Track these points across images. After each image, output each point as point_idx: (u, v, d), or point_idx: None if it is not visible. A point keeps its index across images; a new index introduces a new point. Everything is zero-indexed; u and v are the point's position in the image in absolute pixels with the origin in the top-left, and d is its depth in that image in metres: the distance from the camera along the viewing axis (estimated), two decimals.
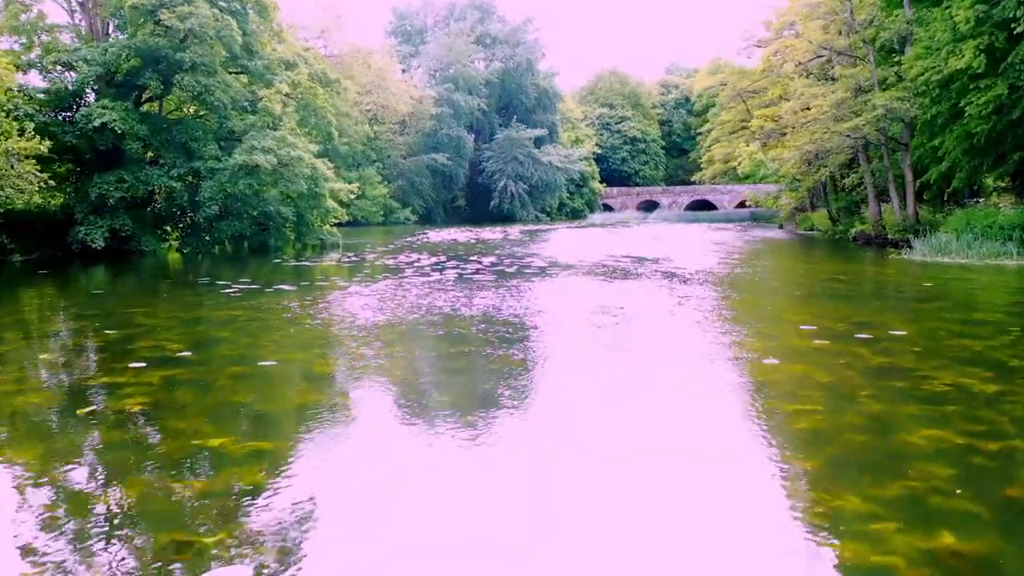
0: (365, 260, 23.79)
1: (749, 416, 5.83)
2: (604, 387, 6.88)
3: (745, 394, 6.54)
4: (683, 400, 6.38)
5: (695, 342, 8.86)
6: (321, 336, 9.53)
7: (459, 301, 12.44)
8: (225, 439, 5.27)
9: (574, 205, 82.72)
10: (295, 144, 26.50)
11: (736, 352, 8.18)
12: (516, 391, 6.63)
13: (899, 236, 27.71)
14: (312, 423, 5.76)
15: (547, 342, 9.04)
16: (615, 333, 9.72)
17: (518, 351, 8.37)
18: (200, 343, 9.07)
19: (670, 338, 9.25)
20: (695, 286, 15.04)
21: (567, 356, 8.28)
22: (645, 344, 8.86)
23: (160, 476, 4.58)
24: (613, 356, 8.29)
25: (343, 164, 61.26)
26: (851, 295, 13.58)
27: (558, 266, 20.53)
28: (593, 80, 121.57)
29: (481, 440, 5.23)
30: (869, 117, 25.74)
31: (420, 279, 16.52)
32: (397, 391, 6.81)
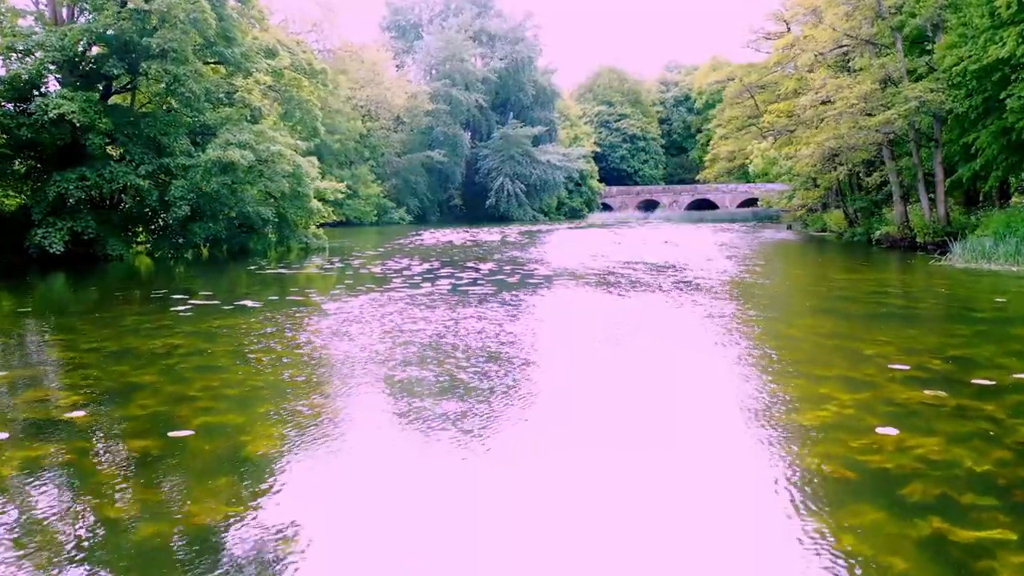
0: (350, 266, 21.59)
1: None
2: (656, 498, 4.69)
3: (891, 516, 4.33)
4: (784, 531, 4.16)
5: (764, 398, 6.69)
6: (269, 384, 7.33)
7: (451, 327, 10.26)
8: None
9: (573, 204, 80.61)
10: (275, 139, 24.27)
11: (831, 414, 6.02)
12: (523, 515, 4.43)
13: (930, 239, 25.63)
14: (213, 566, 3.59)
15: (566, 405, 6.84)
16: (655, 389, 7.54)
17: (527, 421, 6.19)
18: (107, 394, 6.86)
19: (729, 392, 7.08)
20: (727, 302, 12.88)
21: (599, 436, 6.08)
22: (699, 408, 6.66)
23: None
24: (664, 437, 6.09)
25: (335, 162, 59.15)
26: (920, 315, 11.44)
27: (565, 275, 18.36)
28: (591, 77, 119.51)
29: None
30: (901, 110, 23.60)
31: (407, 293, 14.34)
32: (346, 507, 4.62)
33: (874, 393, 6.67)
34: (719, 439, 5.57)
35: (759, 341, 9.27)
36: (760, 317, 11.23)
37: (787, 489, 4.48)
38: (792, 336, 9.53)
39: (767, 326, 10.38)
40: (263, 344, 9.19)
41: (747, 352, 8.61)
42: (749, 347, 8.90)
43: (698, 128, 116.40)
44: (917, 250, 25.88)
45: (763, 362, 8.09)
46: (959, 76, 23.89)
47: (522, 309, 12.11)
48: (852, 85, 25.24)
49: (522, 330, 10.05)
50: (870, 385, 6.94)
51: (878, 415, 5.93)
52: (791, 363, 8.05)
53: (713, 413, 6.26)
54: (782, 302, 13.09)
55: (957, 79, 24.01)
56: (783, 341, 9.25)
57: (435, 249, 29.18)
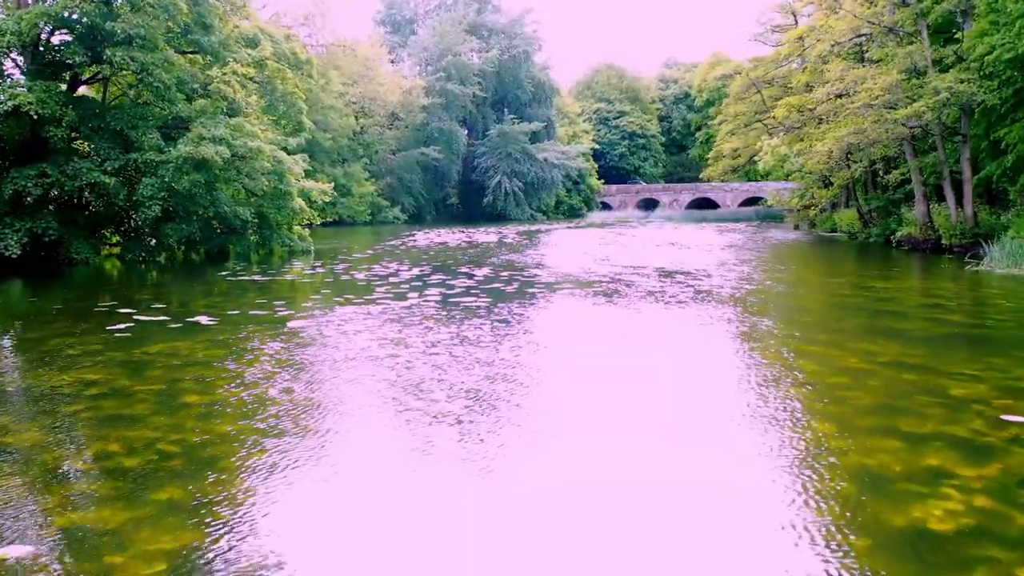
0: (334, 272, 19.78)
1: None
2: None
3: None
4: None
5: (850, 476, 4.89)
6: (185, 450, 5.53)
7: (431, 355, 8.47)
8: None
9: (571, 203, 78.79)
10: (254, 133, 22.39)
11: (964, 509, 4.23)
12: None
13: (956, 242, 23.88)
14: None
15: (585, 495, 5.04)
16: (695, 469, 5.74)
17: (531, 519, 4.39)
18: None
19: (800, 465, 5.28)
20: (760, 319, 11.11)
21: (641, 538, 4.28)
22: (762, 499, 4.85)
23: None
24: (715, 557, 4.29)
25: (327, 160, 57.27)
26: (994, 337, 9.65)
27: (568, 283, 16.55)
28: (590, 74, 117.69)
29: None
30: (930, 102, 21.82)
31: (389, 305, 12.54)
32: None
33: (1003, 465, 4.89)
34: (798, 562, 3.77)
35: (816, 376, 7.48)
36: (806, 340, 9.44)
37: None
38: (854, 368, 7.75)
39: (819, 353, 8.59)
40: (198, 381, 7.37)
41: (807, 395, 6.81)
42: (807, 386, 7.11)
43: (698, 126, 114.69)
44: (942, 253, 24.16)
45: (832, 410, 6.30)
46: (992, 66, 22.12)
47: (521, 331, 10.31)
48: (875, 76, 23.45)
49: (520, 362, 8.26)
50: (989, 451, 5.16)
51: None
52: (869, 412, 6.25)
53: (781, 508, 4.45)
54: (824, 318, 11.31)
55: (990, 69, 22.24)
56: (845, 376, 7.46)
57: (428, 252, 27.37)
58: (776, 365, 7.97)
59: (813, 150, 28.80)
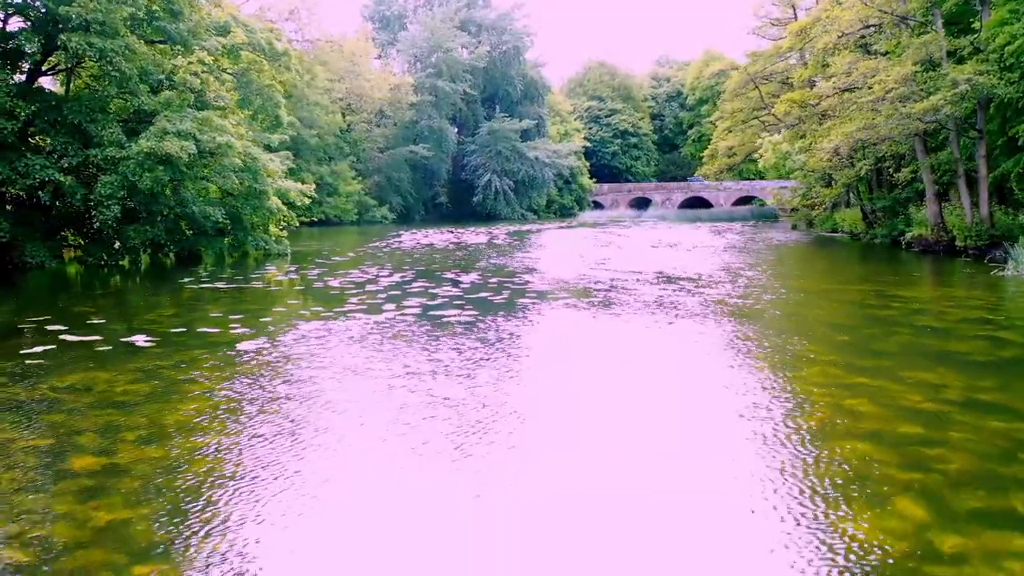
0: (307, 277, 18.19)
1: None
2: None
3: None
4: None
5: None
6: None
7: (396, 396, 6.94)
8: None
9: (563, 202, 77.37)
10: (223, 128, 20.76)
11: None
12: None
13: (971, 243, 22.48)
14: None
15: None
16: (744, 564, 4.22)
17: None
18: None
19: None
20: (787, 339, 9.62)
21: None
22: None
23: None
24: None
25: (313, 158, 55.64)
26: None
27: (563, 291, 15.02)
28: (581, 72, 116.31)
29: None
30: (948, 95, 20.39)
31: (360, 321, 10.98)
32: None
33: None
34: None
35: (878, 423, 5.97)
36: (848, 367, 7.93)
37: None
38: (921, 410, 6.25)
39: (870, 387, 7.08)
40: (101, 434, 5.81)
41: (875, 454, 5.31)
42: (871, 439, 5.60)
43: (690, 124, 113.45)
44: (956, 255, 22.78)
45: (918, 482, 4.79)
46: (1012, 57, 20.72)
47: (510, 357, 8.78)
48: (888, 68, 22.02)
49: (502, 406, 6.72)
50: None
51: None
52: (966, 484, 4.74)
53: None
54: (860, 337, 9.82)
55: (1010, 60, 20.83)
56: (915, 422, 5.96)
57: (413, 254, 25.82)
58: (823, 404, 6.47)
59: (817, 147, 27.34)
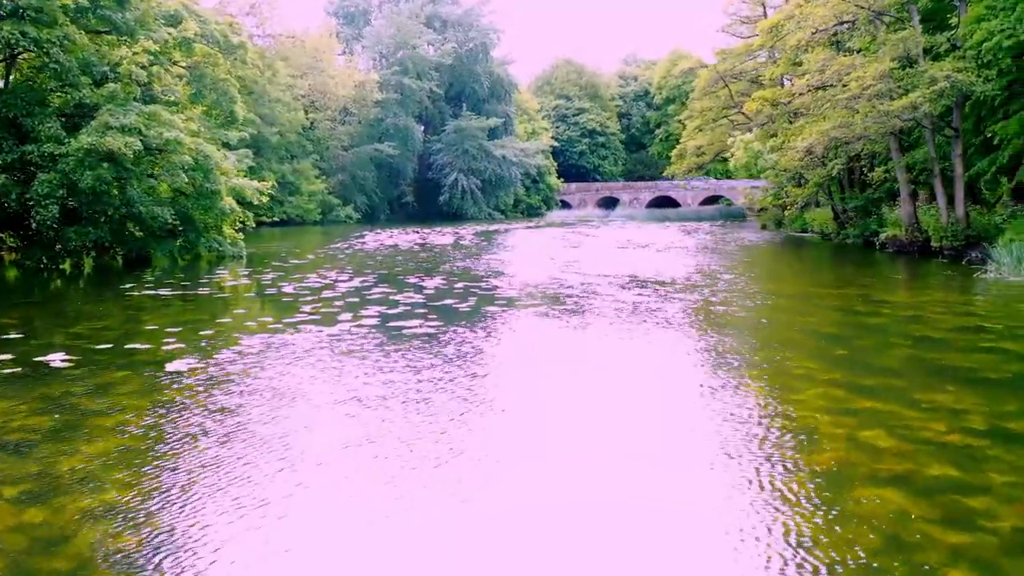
0: (260, 283, 17.07)
1: None
2: None
3: None
4: None
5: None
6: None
7: (347, 422, 5.98)
8: None
9: (530, 202, 76.58)
10: (172, 123, 19.56)
11: None
12: None
13: (948, 244, 22.04)
14: None
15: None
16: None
17: None
18: None
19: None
20: (783, 353, 8.81)
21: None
22: None
23: None
24: None
25: (274, 156, 54.18)
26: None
27: (534, 297, 14.12)
28: (549, 70, 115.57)
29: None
30: (927, 92, 19.87)
31: (312, 334, 9.96)
32: None
33: None
34: None
35: (903, 462, 5.13)
36: (854, 388, 7.11)
37: None
38: (949, 445, 5.45)
39: (883, 413, 6.26)
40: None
41: (908, 504, 4.47)
42: (899, 486, 4.77)
43: (657, 123, 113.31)
44: (932, 256, 22.34)
45: (966, 547, 3.96)
46: (990, 54, 20.25)
47: (474, 379, 7.84)
48: (866, 64, 21.45)
49: (469, 449, 5.80)
50: None
51: None
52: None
53: None
54: (858, 351, 9.03)
55: (987, 57, 20.36)
56: (944, 459, 5.14)
57: (375, 256, 24.76)
58: (833, 437, 5.63)
59: (790, 146, 26.74)
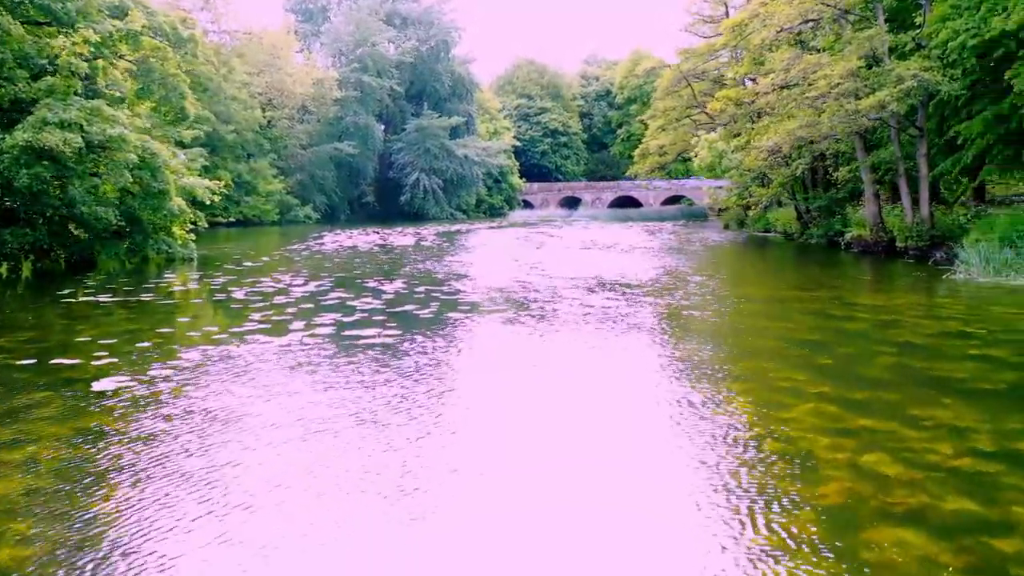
0: (210, 287, 16.18)
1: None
2: None
3: None
4: None
5: None
6: None
7: (286, 451, 5.29)
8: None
9: (492, 202, 75.97)
10: (115, 119, 18.55)
11: None
12: None
13: (913, 244, 21.94)
14: None
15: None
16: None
17: None
18: None
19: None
20: (762, 364, 8.31)
21: None
22: None
23: None
24: None
25: (230, 155, 52.84)
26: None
27: (498, 302, 13.49)
28: (511, 69, 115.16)
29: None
30: (894, 91, 19.67)
31: (259, 346, 9.20)
32: None
33: None
34: None
35: (918, 496, 4.61)
36: (847, 404, 6.61)
37: None
38: (961, 472, 4.95)
39: (883, 436, 5.76)
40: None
41: (933, 557, 3.93)
42: (916, 523, 4.24)
43: (619, 123, 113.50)
44: (897, 256, 22.24)
45: None
46: (955, 53, 20.11)
47: (435, 398, 7.18)
48: (832, 63, 21.21)
49: (429, 484, 5.15)
50: None
51: None
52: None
53: None
54: (841, 359, 8.56)
55: (953, 57, 20.22)
56: (962, 491, 4.64)
57: (334, 258, 23.92)
58: (834, 464, 5.10)
59: (755, 145, 26.48)
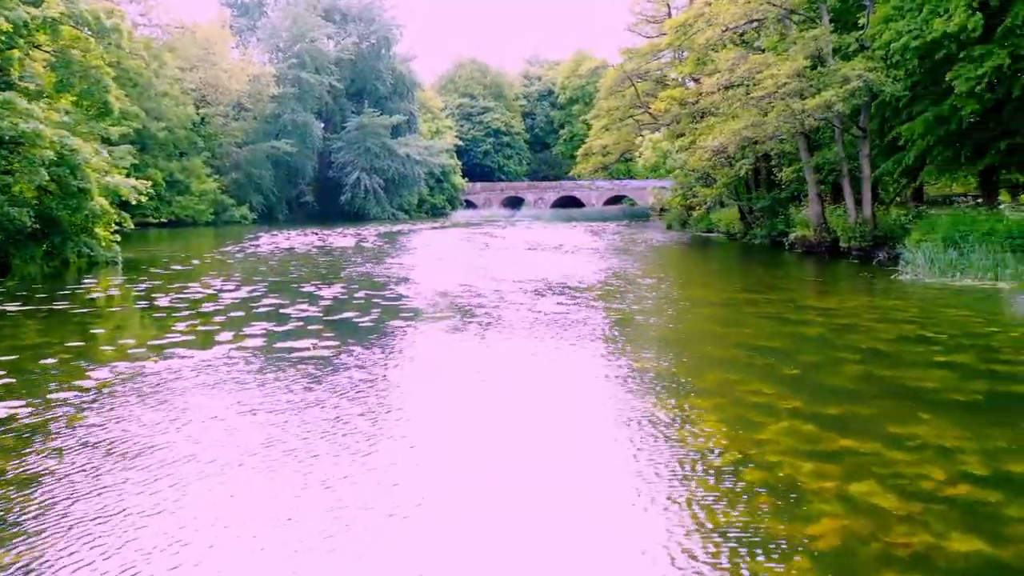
0: (132, 294, 15.11)
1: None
2: None
3: None
4: None
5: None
6: None
7: (195, 497, 4.57)
8: None
9: (435, 202, 75.09)
10: (31, 113, 17.30)
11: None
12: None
13: (857, 244, 22.01)
14: None
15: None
16: None
17: None
18: None
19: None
20: (724, 376, 7.83)
21: None
22: None
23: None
24: None
25: (161, 153, 50.90)
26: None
27: (444, 309, 12.80)
28: (452, 68, 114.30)
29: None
30: (840, 92, 19.62)
31: (177, 362, 8.35)
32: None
33: None
34: None
35: (921, 536, 4.12)
36: (822, 421, 6.15)
37: None
38: (959, 502, 4.49)
39: (868, 459, 5.29)
40: None
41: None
42: (927, 573, 3.75)
43: (561, 123, 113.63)
44: (841, 256, 22.29)
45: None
46: (898, 54, 20.16)
47: (375, 421, 6.50)
48: (779, 62, 21.07)
49: (360, 534, 4.49)
50: None
51: None
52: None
53: None
54: (805, 368, 8.14)
55: (896, 58, 20.27)
56: (967, 527, 4.17)
57: (269, 260, 22.90)
58: (822, 496, 4.60)
59: (700, 145, 26.26)
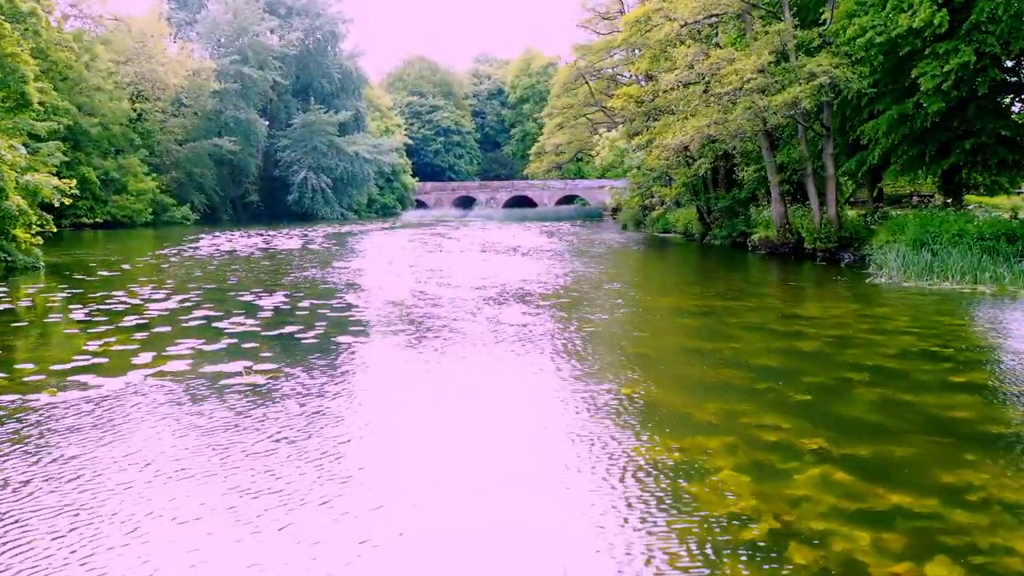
0: (47, 304, 13.60)
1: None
2: None
3: None
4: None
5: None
6: None
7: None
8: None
9: (385, 201, 73.53)
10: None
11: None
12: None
13: (822, 246, 21.48)
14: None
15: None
16: None
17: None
18: None
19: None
20: (734, 404, 6.86)
21: None
22: None
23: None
24: None
25: (95, 150, 48.43)
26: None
27: (396, 321, 11.63)
28: (401, 66, 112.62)
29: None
30: (806, 88, 18.96)
31: (81, 395, 7.05)
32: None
33: None
34: None
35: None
36: (857, 467, 5.20)
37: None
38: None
39: (943, 527, 4.37)
40: None
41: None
42: None
43: (512, 123, 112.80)
44: (806, 258, 21.74)
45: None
46: (862, 50, 19.60)
47: (316, 468, 5.34)
48: (742, 58, 20.34)
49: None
50: None
51: None
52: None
53: None
54: (819, 395, 7.23)
55: (860, 53, 19.72)
56: None
57: (207, 264, 21.37)
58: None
59: (660, 144, 25.41)
